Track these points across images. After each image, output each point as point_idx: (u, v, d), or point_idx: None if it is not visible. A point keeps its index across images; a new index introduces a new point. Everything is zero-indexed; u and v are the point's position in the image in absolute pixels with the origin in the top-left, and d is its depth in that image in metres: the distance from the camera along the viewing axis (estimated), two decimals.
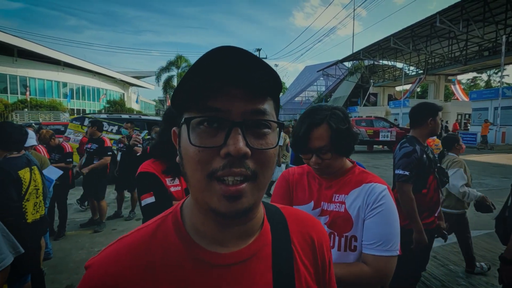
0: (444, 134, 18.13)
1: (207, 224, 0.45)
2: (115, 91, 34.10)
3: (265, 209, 0.53)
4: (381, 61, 28.99)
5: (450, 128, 19.50)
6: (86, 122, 7.16)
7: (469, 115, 19.93)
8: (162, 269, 0.43)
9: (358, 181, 1.05)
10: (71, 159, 4.09)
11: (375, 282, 0.95)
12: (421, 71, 26.36)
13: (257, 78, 0.40)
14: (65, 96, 25.97)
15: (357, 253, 1.01)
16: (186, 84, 0.40)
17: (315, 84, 42.09)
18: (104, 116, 8.08)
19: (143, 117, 9.28)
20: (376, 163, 10.42)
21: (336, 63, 31.97)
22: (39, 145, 3.78)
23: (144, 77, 40.29)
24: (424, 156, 1.99)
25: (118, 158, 4.95)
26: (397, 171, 1.98)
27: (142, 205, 1.34)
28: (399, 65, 29.31)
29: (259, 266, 0.46)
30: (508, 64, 20.16)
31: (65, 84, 27.56)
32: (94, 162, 4.25)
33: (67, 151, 4.06)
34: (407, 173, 1.92)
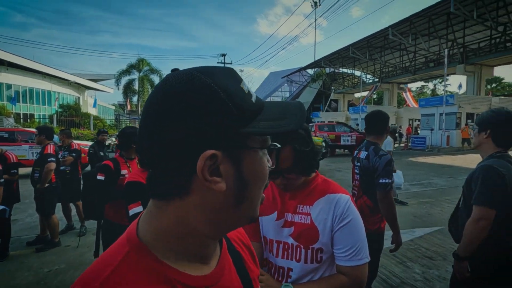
0: (398, 139, 19.46)
1: (195, 242, 0.43)
2: (69, 94, 31.62)
3: None
4: (341, 69, 30.63)
5: (404, 132, 21.14)
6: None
7: (419, 120, 21.71)
8: None
9: (322, 191, 1.06)
10: (16, 171, 3.68)
11: None
12: (377, 79, 28.31)
13: None
14: (10, 99, 23.49)
15: (324, 265, 1.02)
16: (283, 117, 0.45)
17: (280, 90, 43.05)
18: None
19: None
20: (338, 166, 10.86)
21: (300, 70, 33.10)
22: None
23: (102, 80, 37.99)
24: None
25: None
26: (382, 180, 1.99)
27: (130, 214, 1.32)
28: (357, 73, 31.21)
29: (230, 273, 0.49)
30: (451, 74, 22.41)
31: (9, 86, 24.92)
32: (35, 175, 3.80)
33: (11, 161, 3.65)
34: (390, 181, 1.99)
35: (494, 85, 39.66)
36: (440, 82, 39.81)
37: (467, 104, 16.94)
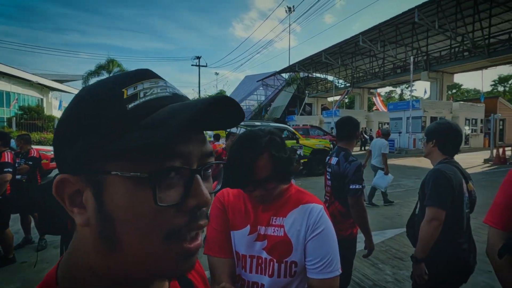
0: (369, 142, 20.19)
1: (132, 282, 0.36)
2: (31, 95, 29.55)
3: None
4: (314, 74, 31.38)
5: (374, 135, 22.03)
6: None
7: (388, 123, 22.76)
8: None
9: (295, 202, 1.02)
10: None
11: None
12: (349, 84, 29.37)
13: (229, 122, 0.39)
14: None
15: (297, 279, 0.98)
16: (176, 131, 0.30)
17: (255, 93, 43.26)
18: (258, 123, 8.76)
19: None
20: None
21: (275, 74, 33.49)
22: None
23: (69, 81, 35.95)
24: None
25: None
26: (352, 186, 2.01)
27: None
28: (330, 78, 32.16)
29: None
30: (416, 80, 23.74)
31: None
32: None
33: None
34: (360, 186, 2.01)
35: (454, 91, 42.66)
36: (407, 88, 42.08)
37: (431, 109, 18.02)
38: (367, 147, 16.07)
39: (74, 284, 0.35)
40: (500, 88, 41.34)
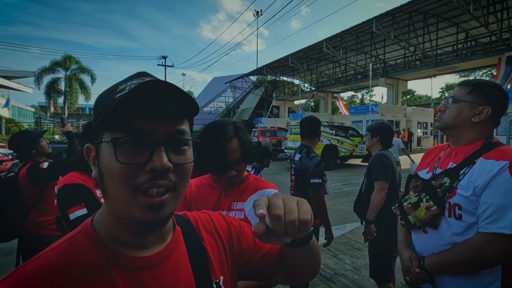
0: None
1: (127, 233, 0.48)
2: None
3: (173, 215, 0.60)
4: (281, 77, 32.10)
5: None
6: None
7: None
8: (86, 282, 0.43)
9: (254, 188, 1.13)
10: None
11: None
12: (314, 88, 30.46)
13: (178, 105, 0.47)
14: None
15: None
16: (118, 109, 0.43)
17: (223, 95, 43.09)
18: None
19: None
20: (280, 169, 11.33)
21: (243, 76, 33.66)
22: None
23: (18, 77, 32.87)
24: None
25: None
26: (313, 180, 2.19)
27: (72, 218, 1.23)
28: (296, 81, 33.09)
29: (179, 262, 0.53)
30: (375, 86, 25.33)
31: None
32: None
33: None
34: (320, 180, 2.19)
35: (408, 96, 46.15)
36: (367, 93, 44.69)
37: (388, 112, 19.35)
38: None
39: (101, 224, 0.50)
40: (447, 95, 45.53)
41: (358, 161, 14.06)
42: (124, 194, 0.44)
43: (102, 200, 1.39)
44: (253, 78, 35.19)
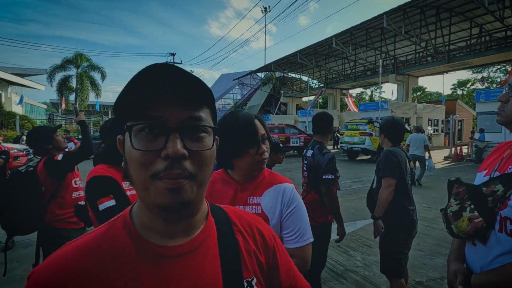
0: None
1: (155, 220, 0.49)
2: None
3: (209, 206, 0.60)
4: (289, 74, 31.94)
5: None
6: None
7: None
8: (113, 265, 0.46)
9: (269, 182, 1.14)
10: None
11: (301, 270, 1.05)
12: (322, 85, 30.21)
13: (190, 90, 0.46)
14: None
15: None
16: (128, 96, 0.45)
17: (231, 92, 43.14)
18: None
19: None
20: (288, 166, 11.32)
21: (251, 73, 33.67)
22: None
23: (31, 75, 33.54)
24: None
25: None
26: (325, 176, 2.18)
27: (101, 209, 1.28)
28: (305, 78, 32.87)
29: (206, 255, 0.52)
30: (384, 82, 25.01)
31: None
32: None
33: None
34: (333, 176, 2.18)
35: (419, 93, 45.38)
36: (376, 89, 44.15)
37: (398, 109, 19.08)
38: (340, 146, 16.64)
39: (136, 211, 0.52)
40: (459, 92, 44.67)
41: (367, 158, 13.94)
42: (143, 180, 0.45)
43: (128, 193, 1.43)
44: (261, 75, 35.12)
